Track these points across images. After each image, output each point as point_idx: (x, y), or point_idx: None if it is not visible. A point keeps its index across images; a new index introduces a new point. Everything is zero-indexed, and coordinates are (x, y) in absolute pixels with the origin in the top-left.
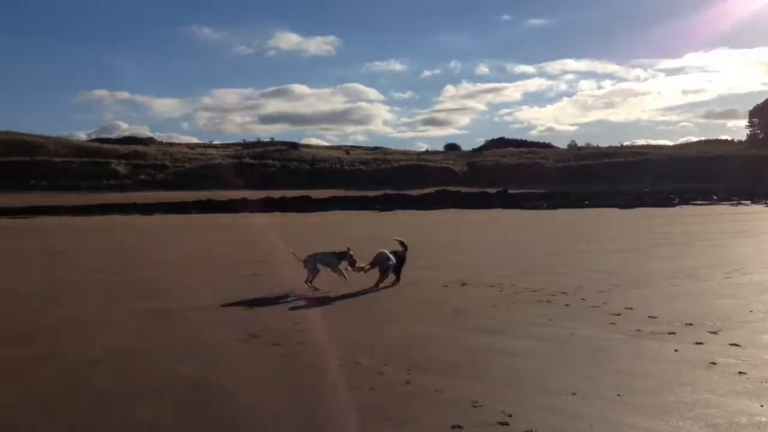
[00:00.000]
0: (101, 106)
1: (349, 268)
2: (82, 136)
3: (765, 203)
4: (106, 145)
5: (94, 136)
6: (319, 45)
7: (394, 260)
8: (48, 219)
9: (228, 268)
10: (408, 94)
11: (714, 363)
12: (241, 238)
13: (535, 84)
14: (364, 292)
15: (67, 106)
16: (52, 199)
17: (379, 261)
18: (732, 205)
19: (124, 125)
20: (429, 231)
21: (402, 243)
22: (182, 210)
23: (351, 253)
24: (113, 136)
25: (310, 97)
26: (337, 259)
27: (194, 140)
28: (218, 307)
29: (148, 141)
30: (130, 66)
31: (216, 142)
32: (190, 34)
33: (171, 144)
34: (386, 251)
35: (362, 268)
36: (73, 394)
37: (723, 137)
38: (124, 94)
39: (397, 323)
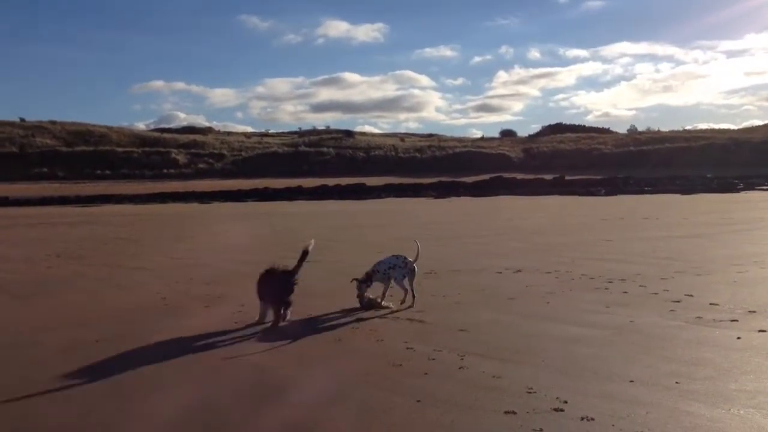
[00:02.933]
0: (159, 96)
1: None
2: (141, 126)
3: None
4: (166, 135)
5: (153, 126)
6: (367, 32)
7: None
8: (111, 207)
9: (282, 254)
10: (460, 81)
11: None
12: (297, 225)
13: (589, 68)
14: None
15: (126, 96)
16: (115, 188)
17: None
18: None
19: (182, 115)
20: (482, 217)
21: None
22: (239, 198)
23: None
24: (172, 125)
25: (361, 85)
26: None
27: (249, 129)
28: None
29: (207, 131)
30: (184, 57)
31: (272, 131)
32: (240, 24)
33: (229, 133)
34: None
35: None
36: (132, 375)
37: None
38: (180, 85)
39: (451, 310)
